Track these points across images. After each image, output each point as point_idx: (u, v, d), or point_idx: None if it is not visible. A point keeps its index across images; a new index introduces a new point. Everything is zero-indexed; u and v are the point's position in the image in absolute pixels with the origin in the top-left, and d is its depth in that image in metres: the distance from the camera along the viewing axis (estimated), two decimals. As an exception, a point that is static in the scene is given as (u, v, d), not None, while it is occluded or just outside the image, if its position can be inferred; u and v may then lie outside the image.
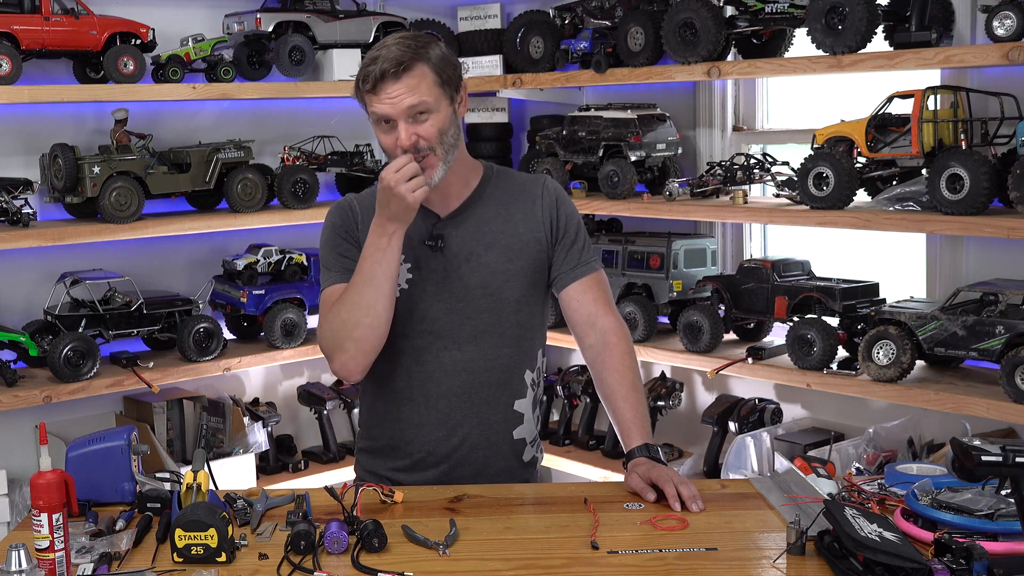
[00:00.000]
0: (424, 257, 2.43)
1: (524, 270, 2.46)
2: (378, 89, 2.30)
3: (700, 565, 1.97)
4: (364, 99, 2.36)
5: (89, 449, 2.31)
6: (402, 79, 2.29)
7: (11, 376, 3.59)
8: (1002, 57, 3.03)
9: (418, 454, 2.47)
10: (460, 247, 2.43)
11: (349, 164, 4.32)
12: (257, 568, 1.97)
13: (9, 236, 3.51)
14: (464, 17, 4.60)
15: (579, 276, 2.49)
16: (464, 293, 2.42)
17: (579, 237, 2.52)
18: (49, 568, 1.88)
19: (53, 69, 3.81)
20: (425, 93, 2.31)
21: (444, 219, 2.45)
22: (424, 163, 2.32)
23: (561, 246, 2.49)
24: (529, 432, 2.53)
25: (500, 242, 2.45)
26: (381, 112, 2.32)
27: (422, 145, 2.32)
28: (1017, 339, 3.07)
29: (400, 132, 2.31)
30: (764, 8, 3.62)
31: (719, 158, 4.14)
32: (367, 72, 2.31)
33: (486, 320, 2.43)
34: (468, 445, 2.46)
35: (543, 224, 2.48)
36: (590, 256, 2.53)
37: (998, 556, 1.86)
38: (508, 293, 2.44)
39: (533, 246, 2.47)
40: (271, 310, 4.07)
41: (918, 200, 3.31)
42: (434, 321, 2.42)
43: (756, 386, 4.00)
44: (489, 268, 2.43)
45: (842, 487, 2.37)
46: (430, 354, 2.43)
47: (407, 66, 2.30)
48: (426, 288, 2.42)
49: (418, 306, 2.42)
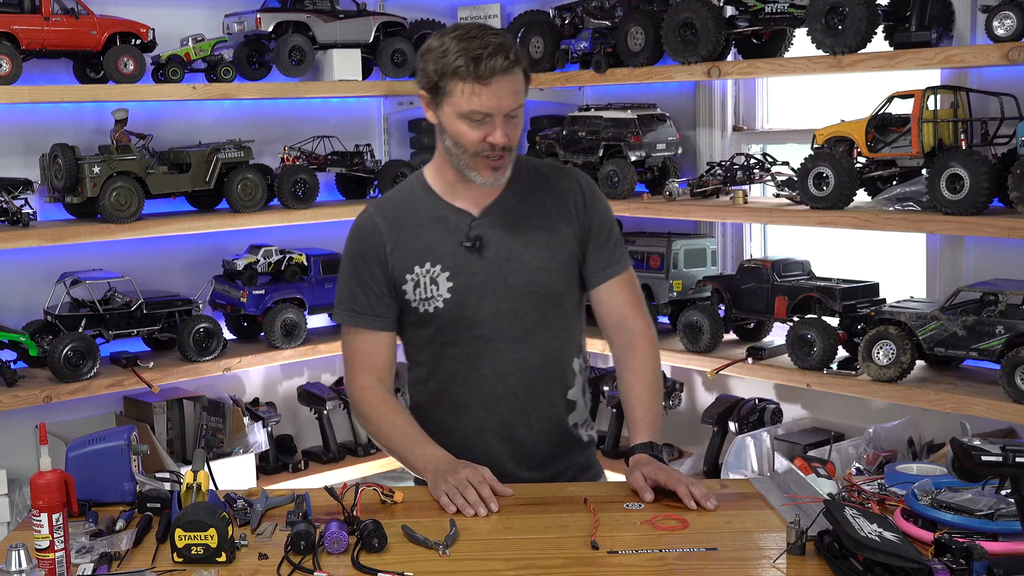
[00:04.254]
0: (463, 262, 2.38)
1: (564, 264, 2.43)
2: (489, 82, 2.22)
3: (700, 565, 1.97)
4: (453, 86, 2.24)
5: (89, 449, 2.31)
6: (511, 76, 2.24)
7: (11, 376, 3.59)
8: (1002, 57, 3.03)
9: (482, 460, 2.39)
10: (499, 247, 2.39)
11: (349, 164, 4.32)
12: (257, 568, 1.97)
13: (9, 236, 3.51)
14: (464, 17, 4.60)
15: (611, 276, 2.46)
16: (509, 293, 2.38)
17: (612, 234, 2.48)
18: (49, 568, 1.88)
19: (53, 69, 3.81)
20: (523, 94, 2.30)
21: (479, 217, 2.40)
22: (500, 162, 2.31)
23: (594, 243, 2.45)
24: (581, 416, 2.52)
25: (539, 239, 2.41)
26: (483, 106, 2.23)
27: (510, 146, 2.30)
28: (1017, 339, 3.07)
29: (497, 131, 2.26)
30: (764, 8, 3.62)
31: (719, 158, 4.14)
32: (476, 56, 2.20)
33: (534, 317, 2.40)
34: (530, 441, 2.45)
35: (576, 218, 2.44)
36: (621, 254, 2.49)
37: (998, 556, 1.86)
38: (551, 288, 2.41)
39: (570, 240, 2.43)
40: (271, 310, 4.07)
41: (918, 200, 3.31)
42: (483, 325, 2.38)
43: (756, 386, 4.00)
44: (531, 266, 2.40)
45: (842, 487, 2.36)
46: (483, 358, 2.40)
47: (517, 63, 2.26)
48: (469, 293, 2.38)
49: (464, 313, 2.38)
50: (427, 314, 2.39)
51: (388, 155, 4.66)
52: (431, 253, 2.38)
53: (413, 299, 2.39)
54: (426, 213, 2.41)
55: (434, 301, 2.38)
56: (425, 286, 2.38)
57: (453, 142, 2.30)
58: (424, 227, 2.40)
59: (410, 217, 2.42)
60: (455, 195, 2.41)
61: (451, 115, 2.27)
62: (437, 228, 2.40)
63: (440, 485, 2.23)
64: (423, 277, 2.38)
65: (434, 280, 2.38)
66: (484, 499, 2.18)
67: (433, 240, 2.39)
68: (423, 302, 2.39)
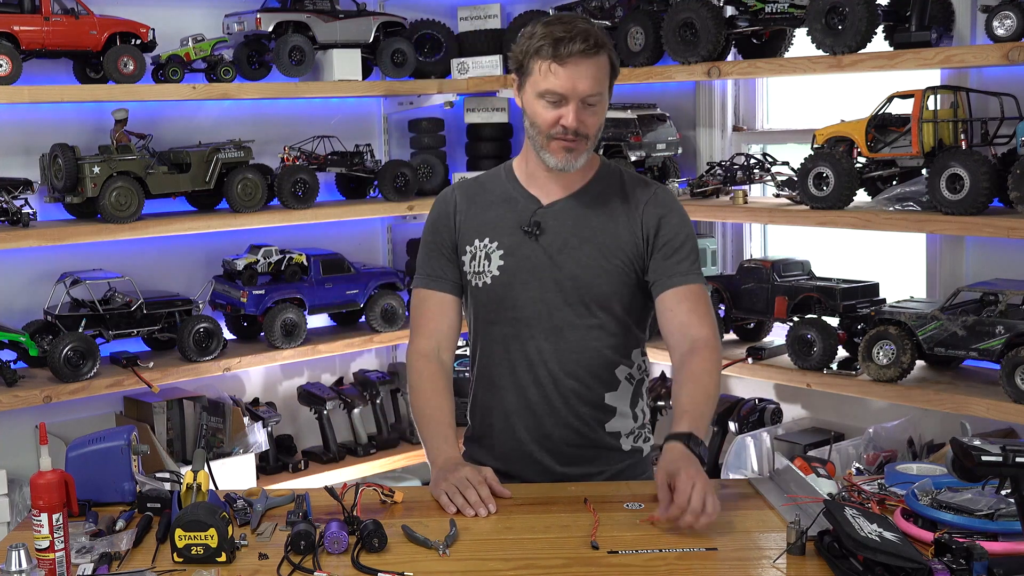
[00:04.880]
0: (519, 244, 2.42)
1: (619, 269, 2.41)
2: (566, 62, 2.27)
3: (700, 565, 1.97)
4: (534, 65, 2.30)
5: (89, 449, 2.31)
6: (592, 61, 2.29)
7: (11, 376, 3.58)
8: (1002, 57, 3.03)
9: (510, 443, 2.46)
10: (556, 236, 2.42)
11: (349, 164, 4.32)
12: (257, 568, 1.97)
13: (9, 236, 3.51)
14: (464, 17, 4.60)
15: (675, 284, 2.40)
16: (555, 284, 2.40)
17: (682, 249, 2.42)
18: (49, 568, 1.88)
19: (53, 69, 3.81)
20: (603, 84, 2.33)
21: (545, 206, 2.44)
22: (575, 146, 2.33)
23: (660, 255, 2.41)
24: (625, 426, 2.50)
25: (597, 238, 2.42)
26: (559, 87, 2.28)
27: (583, 132, 2.32)
28: (1017, 339, 3.07)
29: (570, 113, 2.29)
30: (764, 8, 3.63)
31: (719, 158, 4.14)
32: (558, 38, 2.26)
33: (574, 313, 2.40)
34: (556, 435, 2.45)
35: (642, 229, 2.42)
36: (690, 269, 2.42)
37: (998, 556, 1.86)
38: (599, 289, 2.40)
39: (631, 249, 2.42)
40: (271, 310, 4.07)
41: (918, 200, 3.31)
42: (522, 309, 2.41)
43: (756, 386, 4.00)
44: (581, 262, 2.40)
45: (842, 487, 2.37)
46: (518, 342, 2.43)
47: (598, 51, 2.29)
48: (517, 275, 2.41)
49: (509, 293, 2.41)
50: (476, 288, 2.46)
51: (388, 155, 4.66)
52: (492, 229, 2.45)
53: (468, 271, 2.47)
54: (500, 193, 2.49)
55: (483, 276, 2.44)
56: (479, 260, 2.44)
57: (530, 122, 2.38)
58: (493, 205, 2.48)
59: (485, 194, 2.50)
60: (531, 182, 2.47)
61: (530, 94, 2.35)
62: (504, 208, 2.46)
63: (440, 484, 2.25)
64: (479, 251, 2.45)
65: (488, 256, 2.44)
66: (483, 499, 2.20)
67: (497, 218, 2.46)
68: (475, 275, 2.45)
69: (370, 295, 4.30)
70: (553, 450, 2.46)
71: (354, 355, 4.62)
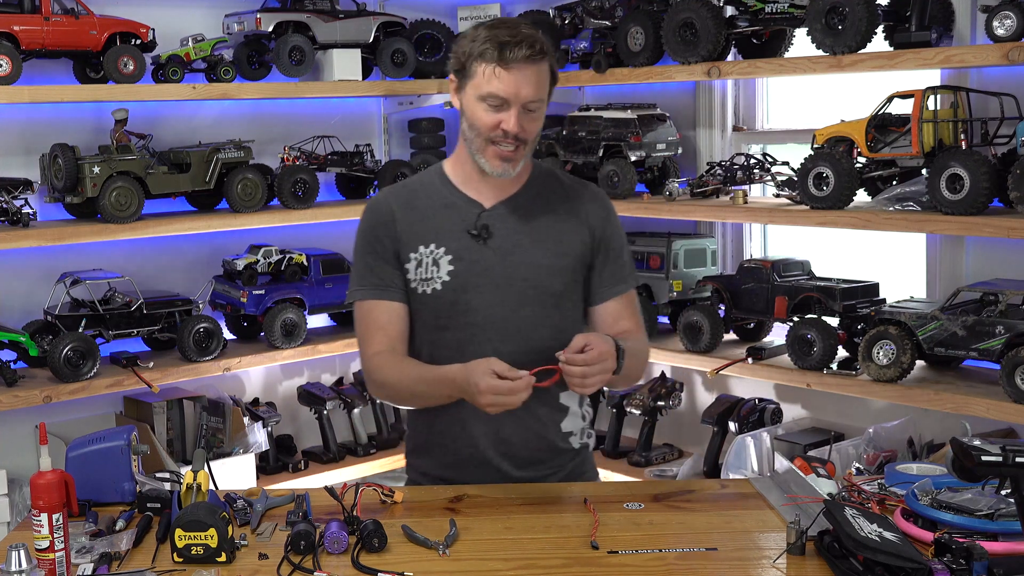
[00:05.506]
0: (467, 248, 2.41)
1: (569, 267, 2.45)
2: (511, 67, 2.27)
3: (700, 565, 1.97)
4: (477, 68, 2.31)
5: (89, 449, 2.31)
6: (536, 67, 2.30)
7: (11, 376, 3.59)
8: (1002, 57, 3.03)
9: (465, 450, 2.44)
10: (505, 239, 2.42)
11: (349, 164, 4.32)
12: (257, 568, 1.97)
13: (9, 236, 3.51)
14: (464, 17, 4.60)
15: (616, 294, 2.49)
16: (508, 286, 2.40)
17: (622, 253, 2.51)
18: (49, 568, 1.88)
19: (53, 69, 3.81)
20: (544, 90, 2.34)
21: (489, 210, 2.44)
22: (514, 154, 2.35)
23: (604, 258, 2.48)
24: (576, 425, 2.52)
25: (547, 238, 2.43)
26: (502, 91, 2.29)
27: (522, 137, 2.33)
28: (1017, 339, 3.07)
29: (511, 118, 2.30)
30: (764, 8, 3.62)
31: (719, 158, 4.14)
32: (503, 42, 2.27)
33: (528, 313, 2.41)
34: (516, 439, 2.44)
35: (589, 230, 2.46)
36: (630, 273, 2.52)
37: (998, 556, 1.87)
38: (551, 287, 2.42)
39: (579, 247, 2.46)
40: (271, 310, 4.07)
41: (918, 200, 3.31)
42: (476, 312, 2.39)
43: (756, 386, 4.00)
44: (534, 263, 2.41)
45: (842, 487, 2.37)
46: (474, 346, 2.39)
47: (542, 58, 2.31)
48: (468, 279, 2.40)
49: (461, 298, 2.40)
50: (424, 295, 2.42)
51: (388, 155, 4.66)
52: (437, 235, 2.42)
53: (413, 279, 2.43)
54: (438, 199, 2.46)
55: (433, 283, 2.41)
56: (427, 267, 2.41)
57: (469, 125, 2.37)
58: (434, 211, 2.45)
59: (421, 200, 2.47)
60: (470, 186, 2.46)
61: (471, 97, 2.34)
62: (446, 213, 2.44)
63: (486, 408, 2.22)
64: (426, 258, 2.41)
65: (436, 262, 2.41)
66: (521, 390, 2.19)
67: (440, 223, 2.44)
68: (422, 282, 2.42)
69: (370, 295, 4.30)
70: (511, 454, 2.45)
71: (354, 355, 4.61)
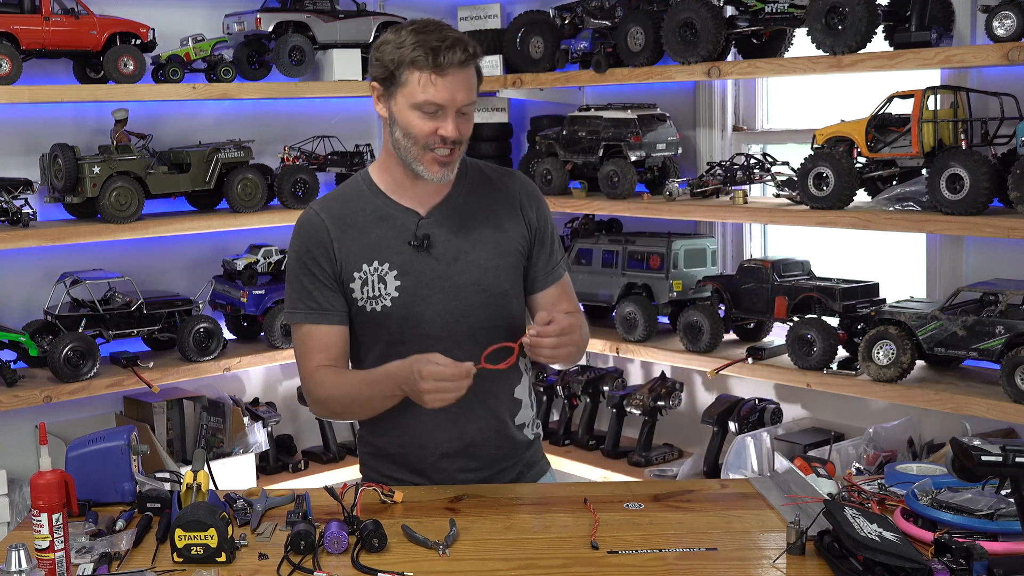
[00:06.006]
0: (411, 260, 2.39)
1: (511, 263, 2.46)
2: (446, 73, 2.26)
3: (700, 565, 1.97)
4: (410, 76, 2.27)
5: (89, 449, 2.31)
6: (466, 71, 2.30)
7: (11, 376, 3.59)
8: (1002, 57, 3.03)
9: (431, 457, 2.44)
10: (447, 246, 2.41)
11: (349, 164, 4.32)
12: (257, 568, 1.97)
13: (9, 236, 3.51)
14: (464, 17, 4.60)
15: (553, 281, 2.52)
16: (457, 292, 2.39)
17: (553, 237, 2.54)
18: (49, 568, 1.88)
19: (53, 69, 3.81)
20: (475, 91, 2.33)
21: (426, 216, 2.42)
22: (448, 158, 2.33)
23: (539, 244, 2.50)
24: (528, 416, 2.54)
25: (487, 238, 2.44)
26: (438, 98, 2.27)
27: (459, 139, 2.33)
28: (1017, 339, 3.07)
29: (449, 124, 2.29)
30: (764, 8, 3.62)
31: (719, 158, 4.14)
32: (434, 48, 2.24)
33: (482, 316, 2.42)
34: (480, 440, 2.45)
35: (524, 219, 2.48)
36: (561, 257, 2.56)
37: (998, 556, 1.87)
38: (499, 287, 2.43)
39: (518, 241, 2.47)
40: (271, 310, 4.07)
41: (918, 200, 3.31)
42: (431, 323, 2.39)
43: (756, 386, 4.00)
44: (479, 265, 2.41)
45: (842, 487, 2.37)
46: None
47: (472, 61, 2.30)
48: (417, 292, 2.38)
49: (412, 311, 2.39)
50: (374, 313, 2.39)
51: (388, 155, 4.65)
52: (379, 252, 2.39)
53: (360, 297, 2.39)
54: (372, 211, 2.42)
55: (382, 300, 2.38)
56: (373, 284, 2.38)
57: (403, 133, 2.32)
58: (370, 225, 2.41)
59: (355, 215, 2.42)
60: (402, 193, 2.42)
61: (404, 106, 2.30)
62: (383, 226, 2.40)
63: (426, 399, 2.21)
64: (371, 275, 2.38)
65: (382, 279, 2.38)
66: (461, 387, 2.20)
67: (380, 239, 2.40)
68: (371, 300, 2.39)
69: (370, 295, 4.30)
70: (476, 455, 2.45)
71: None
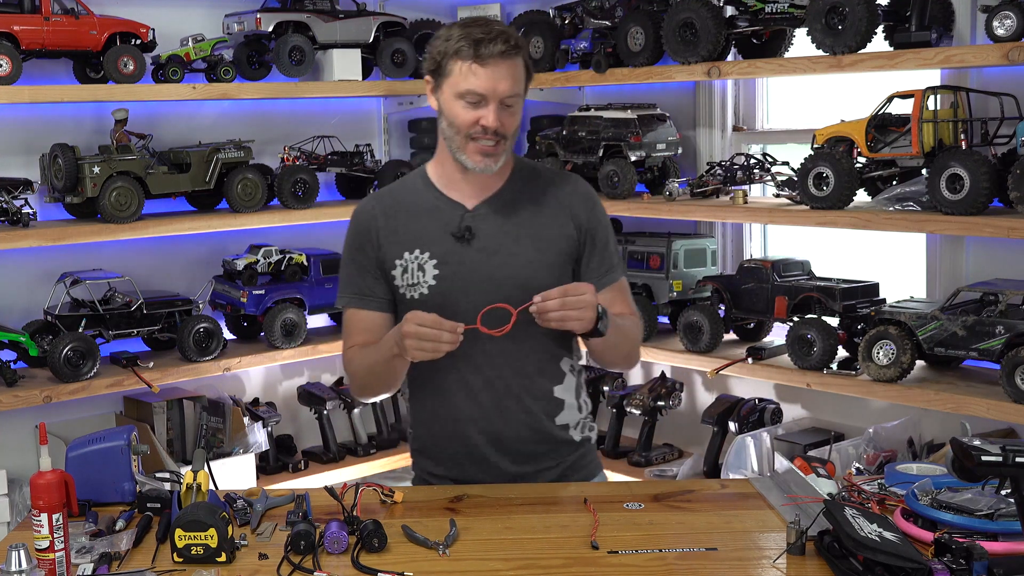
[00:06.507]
0: (451, 251, 2.42)
1: (554, 263, 2.45)
2: (487, 63, 2.29)
3: (700, 565, 1.97)
4: (453, 66, 2.32)
5: (89, 449, 2.31)
6: (511, 62, 2.31)
7: (11, 376, 3.59)
8: (1002, 57, 3.03)
9: (462, 449, 2.46)
10: (489, 240, 2.42)
11: (349, 164, 4.32)
12: (257, 568, 1.97)
13: (9, 236, 3.51)
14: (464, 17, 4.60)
15: (608, 283, 2.50)
16: (493, 286, 2.39)
17: (609, 241, 2.52)
18: (49, 568, 1.89)
19: (53, 69, 3.81)
20: (520, 85, 2.35)
21: (472, 210, 2.44)
22: (495, 149, 2.36)
23: (592, 248, 2.49)
24: (572, 417, 2.51)
25: (529, 234, 2.44)
26: (479, 87, 2.30)
27: (501, 132, 2.34)
28: (1017, 339, 3.07)
29: (490, 113, 2.32)
30: (764, 8, 3.62)
31: (719, 158, 4.14)
32: (478, 39, 2.29)
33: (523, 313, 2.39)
34: (511, 435, 2.45)
35: (573, 221, 2.47)
36: (618, 261, 2.54)
37: (998, 556, 1.87)
38: (539, 283, 2.38)
39: (563, 241, 2.46)
40: (271, 310, 4.07)
41: (918, 200, 3.31)
42: (465, 314, 2.37)
43: (756, 386, 4.00)
44: (519, 260, 2.42)
45: (842, 487, 2.37)
46: (464, 347, 2.37)
47: (517, 53, 2.32)
48: (454, 282, 2.40)
49: (448, 301, 2.39)
50: (412, 300, 2.42)
51: (388, 155, 4.66)
52: (421, 241, 2.43)
53: (400, 285, 2.44)
54: (421, 202, 2.48)
55: (419, 287, 2.42)
56: (412, 272, 2.43)
57: (448, 123, 2.38)
58: (418, 215, 2.46)
59: (405, 205, 2.48)
60: (451, 187, 2.47)
61: (449, 96, 2.35)
62: (429, 217, 2.45)
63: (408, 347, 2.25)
64: (411, 263, 2.43)
65: (421, 267, 2.42)
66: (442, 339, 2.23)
67: (424, 228, 2.44)
68: (409, 288, 2.43)
69: (370, 295, 4.30)
70: (508, 450, 2.46)
71: (354, 355, 4.62)
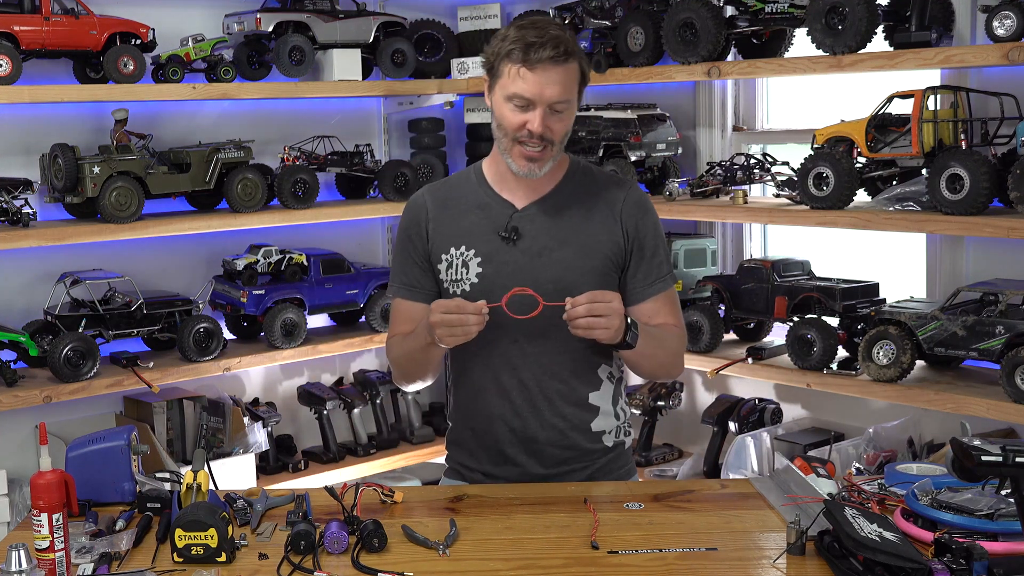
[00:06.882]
0: (496, 250, 2.42)
1: (598, 268, 2.43)
2: (536, 67, 2.29)
3: (700, 565, 1.97)
4: (504, 68, 2.33)
5: (89, 449, 2.31)
6: (561, 67, 2.31)
7: (11, 376, 3.58)
8: (1002, 57, 3.03)
9: (493, 447, 2.47)
10: (534, 241, 2.42)
11: (349, 164, 4.32)
12: (257, 568, 1.97)
13: (9, 236, 3.51)
14: (464, 17, 4.60)
15: (655, 293, 2.47)
16: (536, 288, 2.37)
17: (658, 251, 2.48)
18: (49, 568, 1.89)
19: (53, 69, 3.81)
20: (571, 91, 2.34)
21: (521, 211, 2.44)
22: (541, 154, 2.36)
23: (640, 256, 2.46)
24: (608, 424, 2.50)
25: (575, 239, 2.43)
26: (527, 91, 2.30)
27: (548, 137, 2.34)
28: (1017, 339, 3.07)
29: (536, 118, 2.31)
30: (764, 8, 3.62)
31: (719, 158, 4.14)
32: (529, 43, 2.29)
33: (557, 316, 2.38)
34: (541, 437, 2.45)
35: (622, 228, 2.46)
36: (667, 272, 2.50)
37: (998, 556, 1.87)
38: (581, 288, 2.35)
39: (609, 247, 2.44)
40: (271, 310, 4.07)
41: (918, 200, 3.31)
42: (505, 315, 2.37)
43: (756, 386, 4.00)
44: (562, 264, 2.41)
45: (842, 487, 2.37)
46: (501, 347, 2.42)
47: (568, 59, 2.31)
48: (496, 281, 2.40)
49: (488, 299, 2.37)
50: (454, 296, 2.43)
51: (388, 155, 4.65)
52: (468, 237, 2.45)
53: (445, 279, 2.46)
54: (473, 199, 2.49)
55: (462, 284, 2.43)
56: (457, 268, 2.44)
57: (497, 124, 2.39)
58: (467, 211, 2.47)
59: (457, 200, 2.50)
60: (503, 186, 2.47)
61: (499, 97, 2.36)
62: (478, 214, 2.46)
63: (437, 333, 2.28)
64: (456, 259, 2.44)
65: (466, 263, 2.43)
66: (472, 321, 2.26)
67: (472, 225, 2.45)
68: (453, 283, 2.45)
69: (370, 295, 4.30)
70: (538, 452, 2.46)
71: (354, 355, 4.62)
